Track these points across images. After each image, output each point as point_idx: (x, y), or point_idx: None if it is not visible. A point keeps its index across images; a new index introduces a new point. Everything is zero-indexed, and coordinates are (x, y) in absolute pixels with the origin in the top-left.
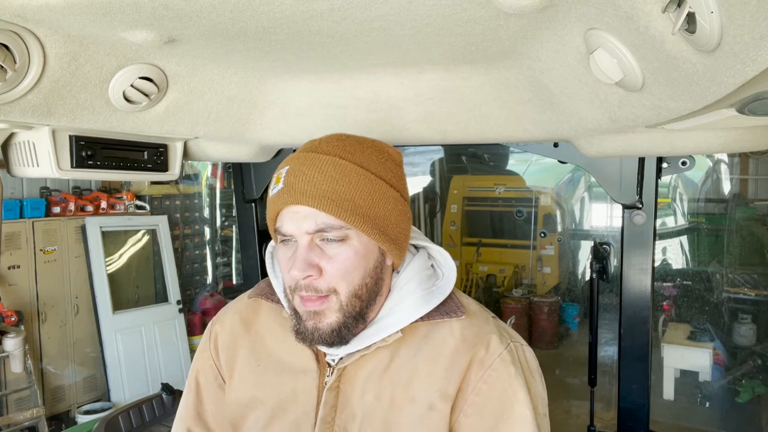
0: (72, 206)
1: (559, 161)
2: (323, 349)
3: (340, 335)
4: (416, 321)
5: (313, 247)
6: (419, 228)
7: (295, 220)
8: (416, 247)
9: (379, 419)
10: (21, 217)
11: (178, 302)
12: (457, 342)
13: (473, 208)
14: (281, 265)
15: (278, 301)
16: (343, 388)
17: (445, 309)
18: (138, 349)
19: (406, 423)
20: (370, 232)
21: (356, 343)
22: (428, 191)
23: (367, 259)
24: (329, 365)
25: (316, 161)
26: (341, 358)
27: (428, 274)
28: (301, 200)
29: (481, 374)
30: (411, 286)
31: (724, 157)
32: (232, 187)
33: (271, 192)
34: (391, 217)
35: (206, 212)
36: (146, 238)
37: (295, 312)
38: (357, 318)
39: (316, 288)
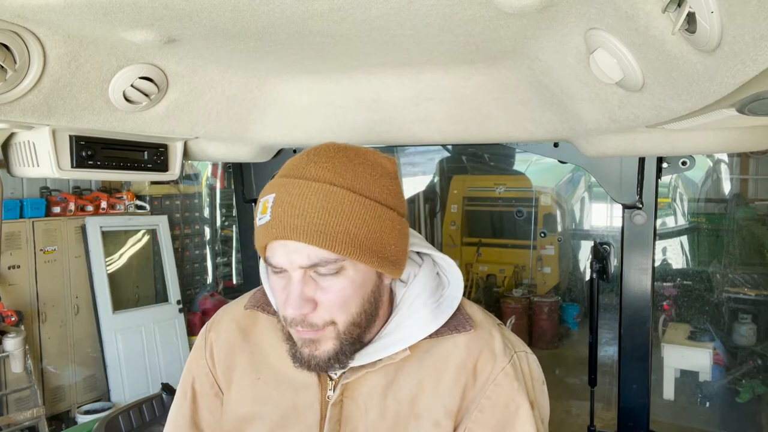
0: (72, 206)
1: (559, 161)
2: None
3: (338, 361)
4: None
5: (307, 281)
6: (420, 228)
7: (286, 254)
8: (419, 254)
9: None
10: (21, 217)
11: (178, 302)
12: (462, 356)
13: (473, 208)
14: (276, 295)
15: (275, 313)
16: (346, 402)
17: (453, 323)
18: (138, 349)
19: None
20: (367, 260)
21: (360, 358)
22: (428, 191)
23: (365, 286)
24: (330, 378)
25: (305, 190)
26: (343, 373)
27: (435, 284)
28: (291, 235)
29: (485, 390)
30: (420, 301)
31: (724, 157)
32: (232, 187)
33: (258, 221)
34: (389, 240)
35: (206, 212)
36: (146, 238)
37: (290, 337)
38: (354, 343)
39: (311, 323)
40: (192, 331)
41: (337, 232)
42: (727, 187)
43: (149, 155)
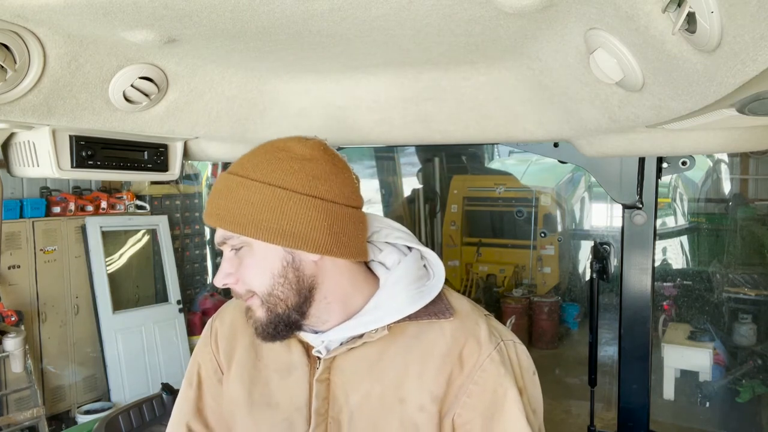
0: (72, 206)
1: (559, 161)
2: (306, 338)
3: (272, 330)
4: (404, 320)
5: (231, 258)
6: (420, 228)
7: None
8: (410, 248)
9: (367, 418)
10: (21, 217)
11: (178, 302)
12: (448, 343)
13: (473, 208)
14: None
15: None
16: (333, 379)
17: (433, 309)
18: (138, 349)
19: (394, 423)
20: (262, 236)
21: (338, 333)
22: (428, 191)
23: (270, 260)
24: (319, 359)
25: (218, 180)
26: (328, 351)
27: (420, 273)
28: (208, 220)
29: (472, 376)
30: (401, 285)
31: (724, 157)
32: None
33: None
34: (284, 217)
35: None
36: (146, 238)
37: None
38: (286, 315)
39: (237, 293)
40: (192, 331)
41: (225, 212)
42: (727, 187)
43: (149, 155)
